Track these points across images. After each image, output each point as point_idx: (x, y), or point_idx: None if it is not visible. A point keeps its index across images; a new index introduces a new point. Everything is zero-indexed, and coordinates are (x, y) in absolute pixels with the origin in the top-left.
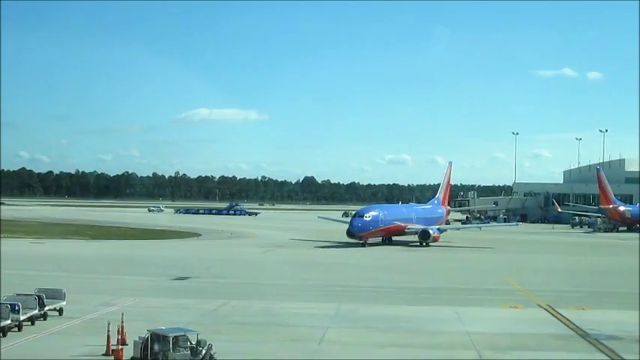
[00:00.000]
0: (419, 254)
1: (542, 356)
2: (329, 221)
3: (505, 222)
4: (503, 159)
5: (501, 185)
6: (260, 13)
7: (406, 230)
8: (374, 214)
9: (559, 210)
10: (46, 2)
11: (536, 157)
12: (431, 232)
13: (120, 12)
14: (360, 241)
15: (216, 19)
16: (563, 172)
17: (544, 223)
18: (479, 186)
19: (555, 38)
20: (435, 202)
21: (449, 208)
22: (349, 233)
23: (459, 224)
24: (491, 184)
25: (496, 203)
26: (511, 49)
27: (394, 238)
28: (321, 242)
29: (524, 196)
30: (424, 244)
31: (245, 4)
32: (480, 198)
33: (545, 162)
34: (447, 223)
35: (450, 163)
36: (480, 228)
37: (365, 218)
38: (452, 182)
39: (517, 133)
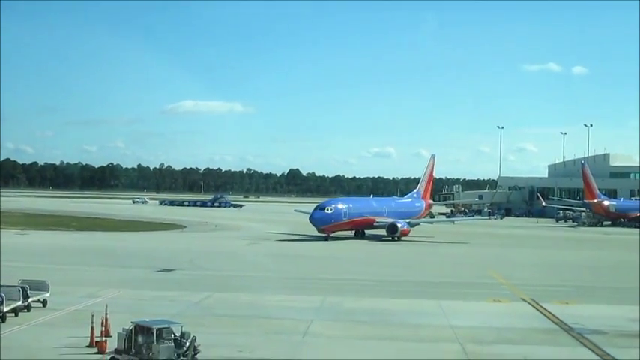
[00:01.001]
0: (401, 248)
1: (526, 350)
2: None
3: (489, 216)
4: (488, 153)
5: (486, 179)
6: (246, 4)
7: (375, 224)
8: (337, 207)
9: (543, 204)
10: None
11: (521, 151)
12: (399, 225)
13: (106, 4)
14: (323, 235)
15: (202, 11)
16: (548, 166)
17: (528, 217)
18: (464, 180)
19: (540, 33)
20: (415, 195)
21: (430, 201)
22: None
23: (443, 217)
24: (476, 178)
25: (481, 197)
26: (497, 43)
27: (367, 232)
28: (303, 235)
29: (509, 190)
30: (394, 238)
31: None
32: (465, 192)
33: (530, 156)
34: (432, 216)
35: (433, 157)
36: (454, 222)
37: (326, 211)
38: (436, 176)
39: (502, 127)
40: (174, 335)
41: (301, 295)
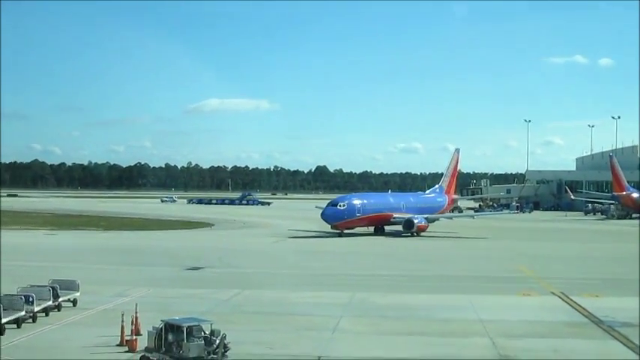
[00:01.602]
0: (426, 243)
1: (556, 343)
2: None
3: (518, 210)
4: (515, 147)
5: (514, 173)
6: (271, 2)
7: (392, 220)
8: (350, 203)
9: (572, 197)
10: None
11: (548, 144)
12: (415, 221)
13: (131, 3)
14: (336, 231)
15: (227, 8)
16: (576, 159)
17: (557, 210)
18: (491, 174)
19: (566, 25)
20: (437, 190)
21: (455, 196)
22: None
23: (471, 212)
24: (503, 172)
25: (509, 191)
26: (522, 37)
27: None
28: (330, 232)
29: (537, 183)
30: (412, 233)
31: None
32: (493, 186)
33: (557, 149)
34: (460, 211)
35: (457, 150)
36: (474, 217)
37: (339, 207)
38: (464, 170)
39: (529, 121)
40: (204, 333)
41: (330, 291)
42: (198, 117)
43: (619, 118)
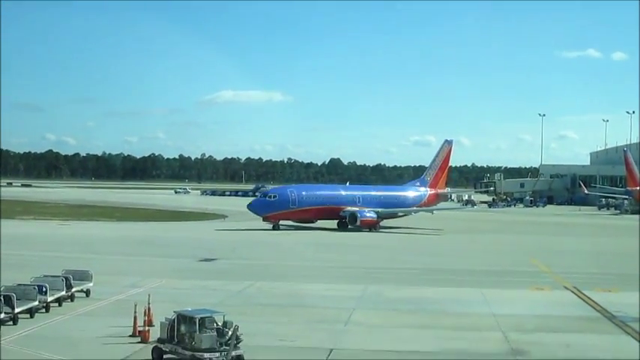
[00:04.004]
0: (439, 237)
1: (568, 338)
2: None
3: (531, 204)
4: (529, 140)
5: (528, 167)
6: None
7: (341, 213)
8: (282, 194)
9: (586, 192)
10: None
11: (562, 138)
12: (358, 215)
13: None
14: (269, 223)
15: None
16: (590, 153)
17: (571, 204)
18: (505, 168)
19: (579, 19)
20: (417, 183)
21: (439, 190)
22: None
23: (485, 206)
24: (517, 166)
25: (522, 185)
26: (535, 31)
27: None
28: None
29: (551, 177)
30: (366, 229)
31: None
32: (506, 180)
33: (571, 143)
34: (473, 204)
35: (448, 142)
36: (432, 212)
37: (268, 198)
38: (477, 164)
39: (543, 115)
40: (217, 325)
41: (342, 284)
42: (212, 108)
43: (633, 112)
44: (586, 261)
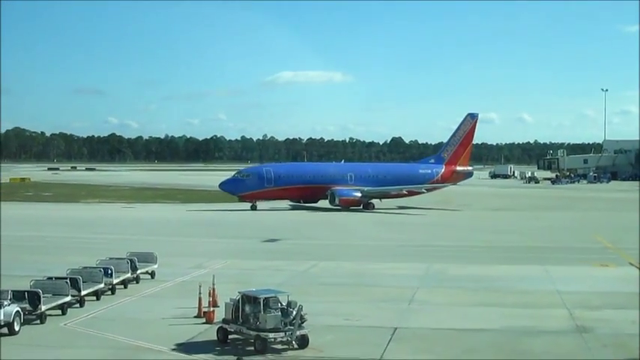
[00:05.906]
0: (501, 213)
1: (634, 315)
2: None
3: (595, 180)
4: (592, 116)
5: (591, 143)
6: None
7: (328, 192)
8: (256, 173)
9: None
10: None
11: (625, 113)
12: (337, 194)
13: None
14: (248, 202)
15: None
16: None
17: (635, 180)
18: (568, 144)
19: None
20: (432, 160)
21: (458, 168)
22: None
23: (548, 182)
24: (580, 142)
25: (586, 161)
26: (595, 6)
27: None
28: (402, 203)
29: (615, 153)
30: (343, 208)
31: None
32: (570, 156)
33: (635, 119)
34: (536, 181)
35: (472, 116)
36: (425, 191)
37: (242, 177)
38: (540, 140)
39: (606, 90)
40: (281, 304)
41: (406, 262)
42: (273, 89)
43: None
44: None
